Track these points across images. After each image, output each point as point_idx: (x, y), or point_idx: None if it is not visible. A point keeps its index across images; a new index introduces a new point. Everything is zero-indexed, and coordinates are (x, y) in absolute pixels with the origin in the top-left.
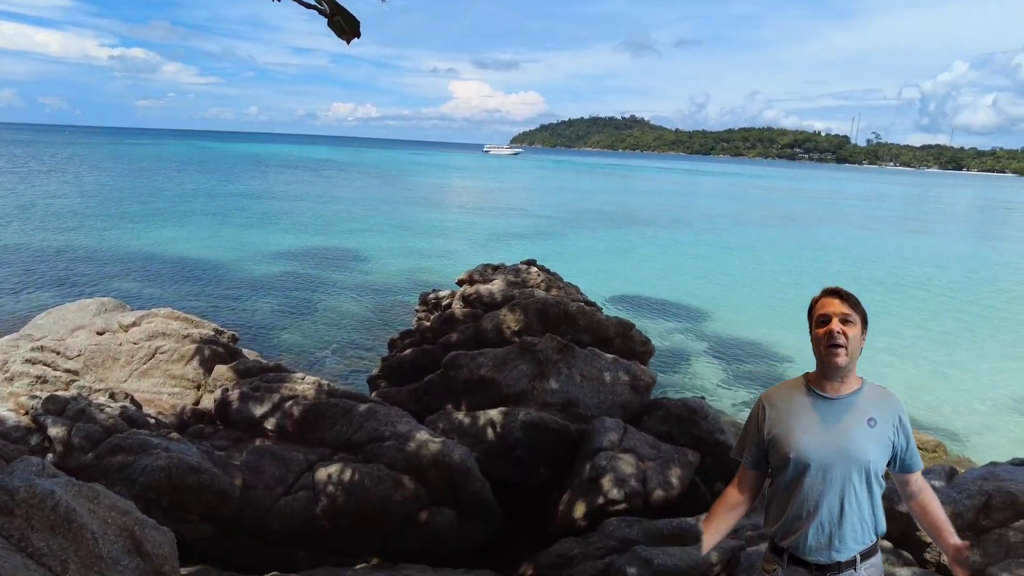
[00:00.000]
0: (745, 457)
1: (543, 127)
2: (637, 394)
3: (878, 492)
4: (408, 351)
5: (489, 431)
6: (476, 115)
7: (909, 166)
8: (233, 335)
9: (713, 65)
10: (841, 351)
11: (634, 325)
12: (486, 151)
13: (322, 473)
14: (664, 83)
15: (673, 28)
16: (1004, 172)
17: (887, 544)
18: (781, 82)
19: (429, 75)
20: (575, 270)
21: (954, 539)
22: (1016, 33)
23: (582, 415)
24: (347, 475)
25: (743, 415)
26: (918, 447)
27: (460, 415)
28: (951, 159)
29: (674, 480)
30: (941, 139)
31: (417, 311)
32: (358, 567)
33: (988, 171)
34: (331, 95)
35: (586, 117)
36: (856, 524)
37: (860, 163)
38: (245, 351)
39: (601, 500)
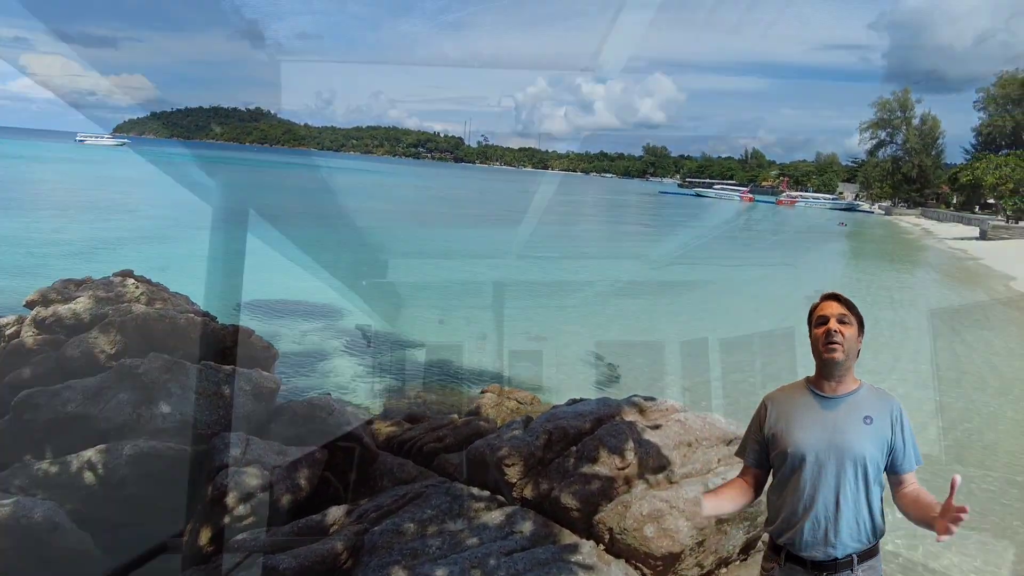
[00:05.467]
0: (748, 455)
1: (155, 115)
2: (261, 402)
3: (877, 492)
4: None
5: (88, 475)
6: (65, 97)
7: (512, 165)
8: None
9: (337, 63)
10: (838, 347)
11: (254, 331)
12: (80, 140)
13: None
14: (289, 77)
15: (294, 20)
16: (576, 172)
17: (478, 490)
18: (403, 84)
19: None
20: (190, 279)
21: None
22: (576, 57)
23: (202, 435)
24: None
25: (377, 402)
26: (520, 404)
27: (44, 464)
28: (540, 160)
29: (302, 481)
30: (532, 142)
31: None
32: None
33: (565, 170)
34: None
35: (206, 107)
36: (852, 521)
37: (474, 162)
38: None
39: (227, 520)
